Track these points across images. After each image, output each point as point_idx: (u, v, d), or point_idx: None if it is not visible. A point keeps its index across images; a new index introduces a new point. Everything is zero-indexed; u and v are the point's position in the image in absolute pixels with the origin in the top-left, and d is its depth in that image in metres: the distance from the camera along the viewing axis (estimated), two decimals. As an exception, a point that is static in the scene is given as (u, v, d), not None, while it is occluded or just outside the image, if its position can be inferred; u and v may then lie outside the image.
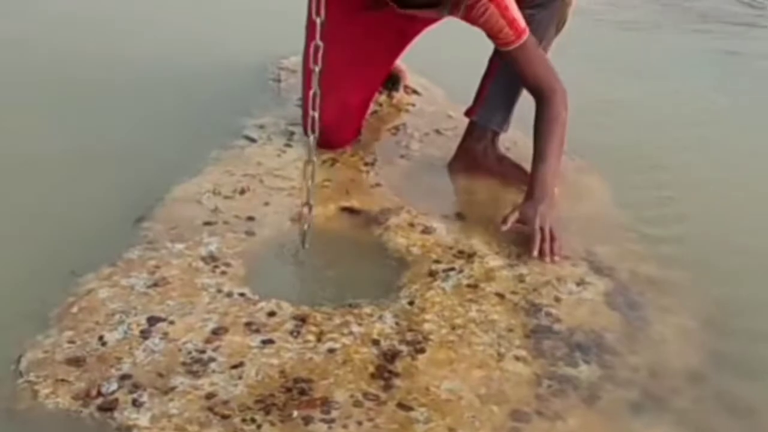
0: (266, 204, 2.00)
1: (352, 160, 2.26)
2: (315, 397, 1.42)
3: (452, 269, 1.82)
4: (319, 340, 1.57)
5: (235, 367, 1.48)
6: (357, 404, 1.41)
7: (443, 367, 1.53)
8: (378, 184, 2.15)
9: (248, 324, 1.60)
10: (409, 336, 1.61)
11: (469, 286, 1.77)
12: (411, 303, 1.71)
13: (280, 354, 1.52)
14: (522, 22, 1.98)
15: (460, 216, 2.05)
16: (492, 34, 2.00)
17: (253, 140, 2.28)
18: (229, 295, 1.68)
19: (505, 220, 1.93)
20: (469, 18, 1.97)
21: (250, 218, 1.94)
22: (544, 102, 2.04)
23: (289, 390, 1.43)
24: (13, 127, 2.28)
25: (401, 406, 1.43)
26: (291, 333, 1.58)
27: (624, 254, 1.96)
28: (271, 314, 1.63)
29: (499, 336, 1.63)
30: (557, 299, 1.76)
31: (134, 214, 1.92)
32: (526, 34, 1.99)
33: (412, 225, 1.98)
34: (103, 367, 1.46)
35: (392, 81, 2.60)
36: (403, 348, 1.57)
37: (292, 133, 2.32)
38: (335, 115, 2.11)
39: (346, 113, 2.20)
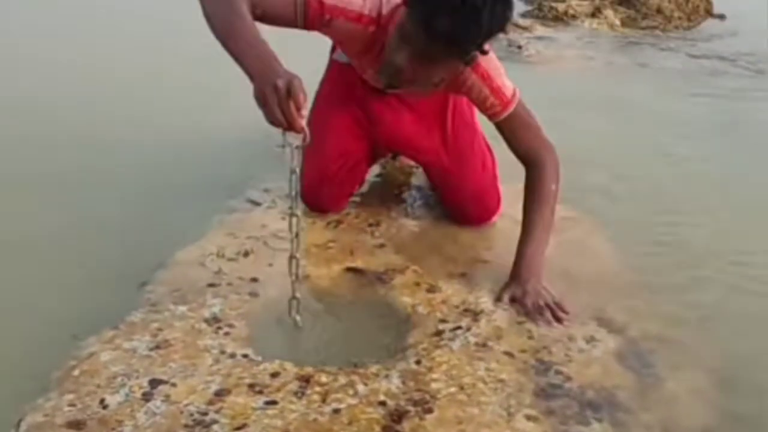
0: (270, 265, 2.01)
1: (356, 221, 2.28)
2: (320, 458, 1.40)
3: (459, 328, 1.81)
4: (323, 400, 1.56)
5: (238, 429, 1.46)
6: (363, 465, 1.38)
7: (452, 427, 1.51)
8: (382, 245, 2.16)
9: (251, 385, 1.58)
10: (416, 395, 1.59)
11: (477, 344, 1.76)
12: (418, 362, 1.69)
13: (284, 415, 1.51)
14: (509, 90, 2.00)
15: (465, 275, 2.04)
16: (478, 106, 2.04)
17: (257, 204, 2.30)
18: (232, 356, 1.67)
19: (499, 299, 1.92)
20: (454, 89, 2.02)
21: (254, 279, 1.94)
22: (533, 174, 2.02)
23: (294, 452, 1.41)
24: (14, 199, 2.31)
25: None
26: (295, 394, 1.57)
27: (633, 312, 1.95)
28: (275, 375, 1.62)
29: (508, 395, 1.61)
30: (568, 357, 1.74)
31: (138, 279, 1.92)
32: (513, 104, 2.00)
33: (417, 284, 1.98)
34: (104, 430, 1.44)
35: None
36: (410, 408, 1.55)
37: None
38: (316, 178, 2.14)
39: (326, 179, 2.21)
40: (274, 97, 1.53)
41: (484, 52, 1.84)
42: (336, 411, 1.53)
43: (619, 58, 3.76)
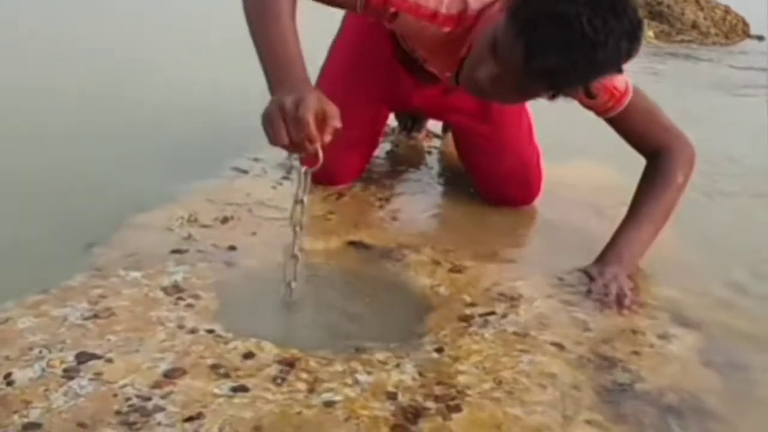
0: (253, 234, 1.62)
1: (363, 194, 1.89)
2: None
3: (491, 313, 1.41)
4: (312, 390, 1.15)
5: (190, 419, 1.05)
6: (364, 474, 0.97)
7: (487, 431, 1.09)
8: (394, 219, 1.77)
9: (214, 366, 1.18)
10: (437, 390, 1.18)
11: (516, 334, 1.35)
12: (439, 350, 1.29)
13: (256, 405, 1.10)
14: (620, 82, 1.60)
15: (496, 255, 1.64)
16: (583, 103, 1.62)
17: (243, 172, 1.91)
18: (193, 331, 1.26)
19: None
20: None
21: (232, 248, 1.55)
22: (658, 162, 1.64)
23: (266, 452, 1.00)
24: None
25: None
26: (273, 380, 1.16)
27: (712, 304, 1.54)
28: (248, 356, 1.21)
29: (563, 394, 1.20)
30: (636, 353, 1.34)
31: (86, 240, 1.52)
32: (629, 96, 1.61)
33: (437, 263, 1.58)
34: (3, 413, 1.03)
35: (413, 120, 2.25)
36: (431, 405, 1.14)
37: (292, 167, 1.95)
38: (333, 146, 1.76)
39: (348, 146, 1.83)
40: (279, 121, 1.20)
41: (591, 95, 1.46)
42: (328, 404, 1.12)
43: (659, 67, 3.40)
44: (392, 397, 1.15)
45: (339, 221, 1.70)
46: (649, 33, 4.16)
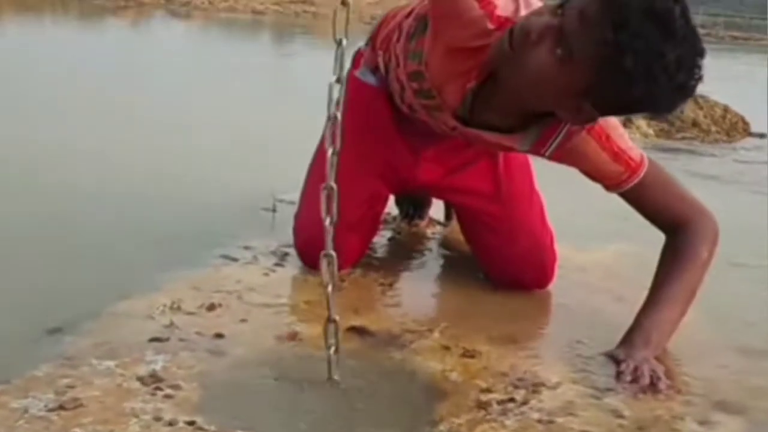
0: (243, 321, 1.47)
1: (363, 280, 1.75)
2: None
3: (511, 400, 1.25)
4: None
5: None
6: None
7: None
8: (398, 305, 1.63)
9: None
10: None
11: (541, 421, 1.19)
12: (451, 441, 1.12)
13: None
14: (635, 151, 1.50)
15: (511, 339, 1.49)
16: (591, 175, 1.53)
17: (233, 260, 1.78)
18: (171, 423, 1.10)
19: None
20: (558, 157, 1.51)
21: (219, 335, 1.40)
22: (680, 238, 1.51)
23: None
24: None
25: None
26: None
27: (752, 387, 1.39)
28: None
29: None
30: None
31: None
32: (644, 168, 1.49)
33: (446, 348, 1.43)
34: None
35: (415, 207, 2.14)
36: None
37: (286, 254, 1.83)
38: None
39: (350, 226, 1.71)
40: None
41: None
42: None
43: (662, 162, 3.33)
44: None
45: (339, 307, 1.55)
46: (648, 131, 4.13)
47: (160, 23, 10.95)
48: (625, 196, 1.53)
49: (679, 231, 1.51)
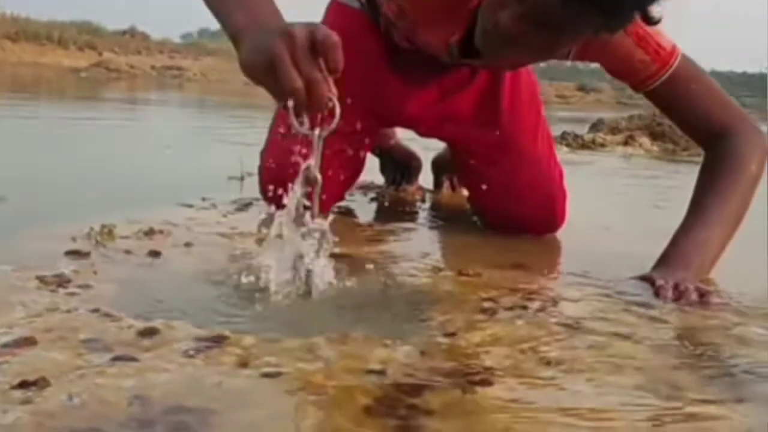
0: (187, 245, 1.19)
1: (346, 219, 1.48)
2: None
3: (523, 308, 0.97)
4: (244, 364, 0.70)
5: (22, 386, 0.61)
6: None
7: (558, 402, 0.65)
8: (388, 239, 1.35)
9: (88, 341, 0.74)
10: (448, 366, 0.74)
11: (562, 324, 0.91)
12: (451, 335, 0.84)
13: (146, 375, 0.66)
14: (665, 38, 1.26)
15: (520, 265, 1.22)
16: (615, 72, 1.30)
17: (188, 206, 1.52)
18: (69, 311, 0.83)
19: None
20: (581, 55, 1.28)
21: (154, 253, 1.12)
22: (720, 147, 1.26)
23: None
24: None
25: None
26: (184, 353, 0.72)
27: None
28: (147, 333, 0.77)
29: (651, 374, 0.76)
30: (740, 340, 0.89)
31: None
32: (676, 58, 1.26)
33: (439, 269, 1.16)
34: None
35: (402, 173, 1.89)
36: (440, 380, 0.70)
37: (249, 204, 1.56)
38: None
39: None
40: (285, 52, 0.85)
41: (651, 21, 1.13)
42: (267, 375, 0.68)
43: (675, 175, 3.09)
44: (377, 372, 0.71)
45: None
46: (653, 148, 3.92)
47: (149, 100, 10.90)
48: (655, 96, 1.28)
49: (722, 142, 1.25)
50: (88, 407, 0.60)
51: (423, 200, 1.81)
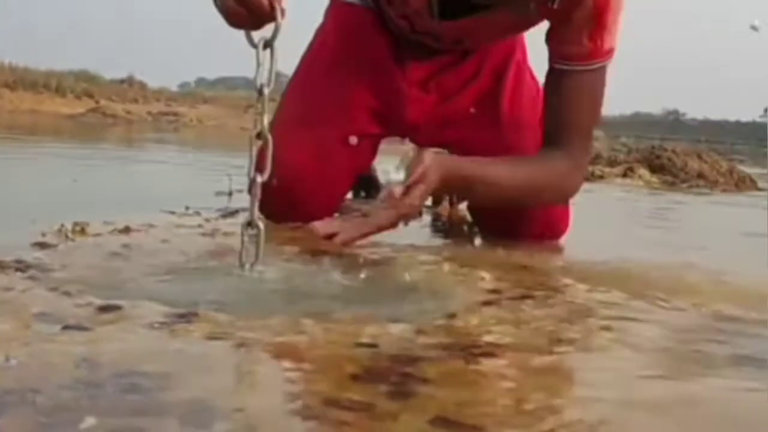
0: (164, 241, 1.11)
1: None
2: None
3: (528, 297, 0.89)
4: (216, 338, 0.62)
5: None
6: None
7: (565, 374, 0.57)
8: (385, 242, 1.25)
9: (40, 314, 0.66)
10: (446, 340, 0.66)
11: (571, 310, 0.83)
12: (450, 317, 0.76)
13: (99, 344, 0.57)
14: (608, 42, 1.22)
15: (525, 266, 1.13)
16: (555, 36, 1.24)
17: (170, 212, 1.43)
18: (24, 291, 0.74)
19: None
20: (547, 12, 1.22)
21: (125, 246, 1.03)
22: (555, 150, 1.26)
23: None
24: None
25: (441, 421, 0.45)
26: (147, 326, 0.63)
27: None
28: (107, 309, 0.69)
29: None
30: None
31: None
32: (603, 61, 1.23)
33: (438, 263, 1.07)
34: None
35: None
36: (437, 353, 0.61)
37: (236, 212, 1.48)
38: (311, 155, 1.34)
39: (326, 159, 1.38)
40: None
41: None
42: (240, 345, 0.59)
43: (675, 206, 3.01)
44: (368, 346, 0.62)
45: (303, 238, 1.19)
46: (652, 179, 3.85)
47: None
48: (555, 76, 1.24)
49: (560, 151, 1.25)
50: (28, 369, 0.51)
51: (420, 214, 1.73)
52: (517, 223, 1.40)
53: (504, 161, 1.26)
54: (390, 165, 1.26)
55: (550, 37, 1.25)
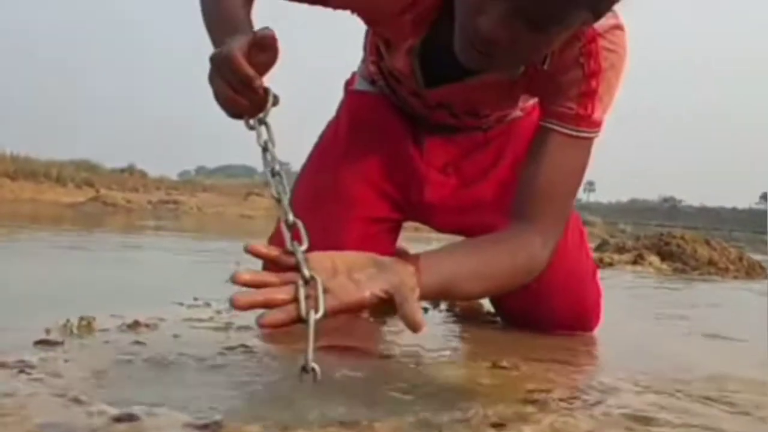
0: (175, 336, 1.04)
1: (355, 320, 1.32)
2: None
3: (579, 399, 0.81)
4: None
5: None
6: None
7: None
8: (404, 333, 1.19)
9: (48, 426, 0.59)
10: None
11: (626, 416, 0.75)
12: (499, 425, 0.69)
13: None
14: (599, 113, 1.16)
15: (561, 360, 1.06)
16: (551, 100, 1.17)
17: (179, 304, 1.36)
18: (31, 395, 0.67)
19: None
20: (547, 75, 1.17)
21: (138, 343, 0.97)
22: (525, 224, 1.11)
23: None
24: None
25: None
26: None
27: None
28: (126, 419, 0.61)
29: None
30: None
31: None
32: (590, 131, 1.15)
33: (473, 359, 1.00)
34: None
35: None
36: None
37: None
38: (320, 238, 1.28)
39: (336, 243, 1.32)
40: (213, 73, 0.93)
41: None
42: None
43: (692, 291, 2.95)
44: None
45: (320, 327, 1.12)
46: (662, 266, 3.79)
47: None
48: (541, 136, 1.15)
49: (531, 224, 1.10)
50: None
51: (437, 303, 1.65)
52: (546, 315, 1.33)
53: (469, 252, 1.05)
54: None
55: (541, 96, 1.21)
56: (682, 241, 4.17)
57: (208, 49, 0.98)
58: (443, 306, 1.61)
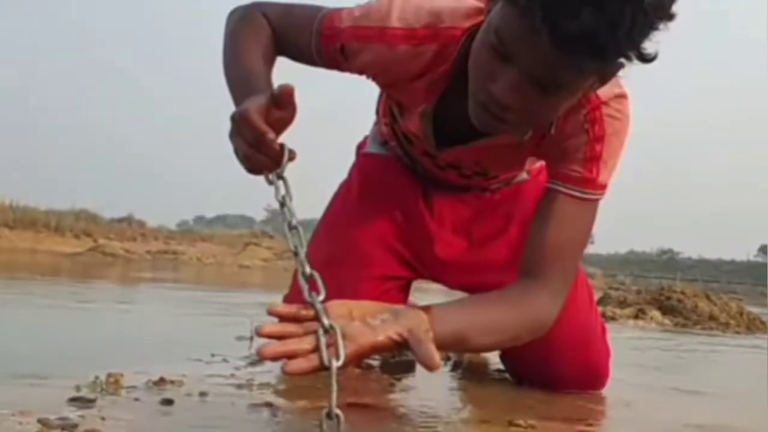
0: (202, 394, 1.08)
1: (363, 372, 1.36)
2: None
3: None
4: None
5: None
6: None
7: None
8: (413, 389, 1.23)
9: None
10: None
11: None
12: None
13: None
14: (605, 177, 1.22)
15: (576, 419, 1.10)
16: (552, 160, 1.25)
17: (197, 360, 1.40)
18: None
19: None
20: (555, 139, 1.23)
21: (167, 402, 1.01)
22: (533, 284, 1.16)
23: None
24: None
25: None
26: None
27: None
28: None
29: None
30: None
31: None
32: (596, 194, 1.21)
33: (485, 421, 1.04)
34: None
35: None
36: None
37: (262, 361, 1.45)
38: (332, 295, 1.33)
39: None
40: (233, 131, 0.96)
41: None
42: None
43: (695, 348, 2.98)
44: None
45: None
46: (664, 320, 3.83)
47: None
48: (548, 197, 1.21)
49: (538, 283, 1.16)
50: None
51: (447, 359, 1.69)
52: (557, 371, 1.38)
53: (479, 305, 1.12)
54: None
55: (548, 159, 1.27)
56: (682, 295, 4.22)
57: (204, 103, 1.03)
58: (450, 362, 1.65)
